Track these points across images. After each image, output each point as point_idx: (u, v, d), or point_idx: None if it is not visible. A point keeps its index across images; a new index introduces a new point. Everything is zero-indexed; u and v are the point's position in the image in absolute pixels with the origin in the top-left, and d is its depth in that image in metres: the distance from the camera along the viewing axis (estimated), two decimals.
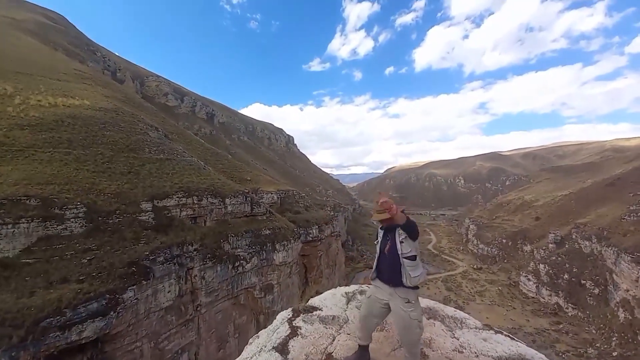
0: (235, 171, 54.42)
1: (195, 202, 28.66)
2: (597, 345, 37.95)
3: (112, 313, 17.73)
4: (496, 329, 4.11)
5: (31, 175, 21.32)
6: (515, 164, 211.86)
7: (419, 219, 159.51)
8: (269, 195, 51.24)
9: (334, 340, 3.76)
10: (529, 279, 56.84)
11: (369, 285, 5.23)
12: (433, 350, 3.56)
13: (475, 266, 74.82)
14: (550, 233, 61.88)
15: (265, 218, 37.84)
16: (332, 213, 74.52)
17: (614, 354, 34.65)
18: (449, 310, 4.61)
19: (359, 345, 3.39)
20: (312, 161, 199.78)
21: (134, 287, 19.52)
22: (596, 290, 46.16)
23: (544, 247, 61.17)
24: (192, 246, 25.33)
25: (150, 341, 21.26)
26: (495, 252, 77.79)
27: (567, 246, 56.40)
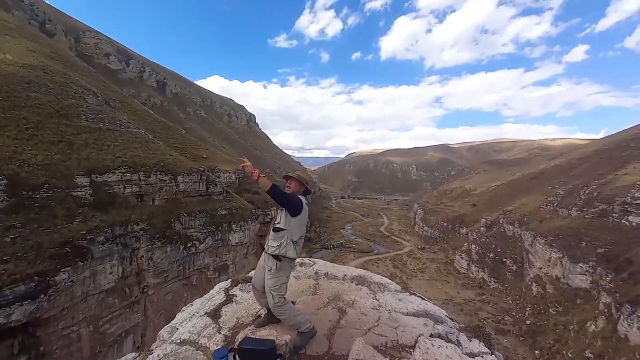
0: (189, 147, 51.07)
1: (142, 178, 26.53)
2: (513, 313, 44.84)
3: (42, 296, 16.13)
4: (411, 291, 4.86)
5: None
6: (460, 156, 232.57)
7: (374, 203, 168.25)
8: (226, 174, 49.38)
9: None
10: (462, 258, 64.46)
11: (310, 258, 5.66)
12: (354, 309, 4.05)
13: (419, 246, 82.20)
14: (482, 218, 70.13)
15: (221, 198, 36.66)
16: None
17: (527, 322, 41.09)
18: (377, 277, 5.22)
19: (267, 309, 3.57)
20: (274, 142, 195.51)
21: (68, 268, 17.84)
22: (514, 267, 54.17)
23: (476, 230, 69.35)
24: (137, 225, 23.69)
25: (89, 325, 19.88)
26: (437, 234, 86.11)
27: (494, 229, 64.71)
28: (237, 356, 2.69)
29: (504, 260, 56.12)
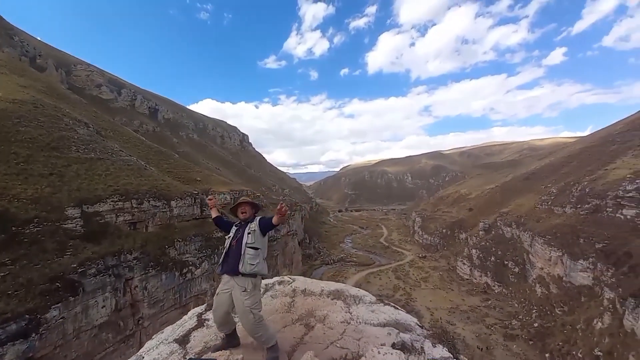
0: (183, 171, 51.14)
1: (135, 205, 26.36)
2: (520, 317, 44.06)
3: (34, 335, 15.65)
4: (386, 302, 4.83)
5: None
6: (453, 161, 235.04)
7: (372, 214, 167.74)
8: (221, 196, 49.26)
9: (236, 327, 3.86)
10: (464, 263, 63.90)
11: (290, 276, 5.67)
12: (323, 324, 4.02)
13: (420, 255, 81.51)
14: (480, 222, 70.18)
15: None
16: (289, 212, 74.45)
17: (535, 325, 40.36)
18: (353, 290, 5.21)
19: (225, 335, 3.56)
20: (268, 160, 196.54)
21: (59, 305, 17.35)
22: (516, 269, 53.67)
23: (475, 235, 69.18)
24: (131, 254, 23.28)
25: None
26: (437, 241, 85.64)
27: (493, 232, 64.63)
28: None
29: (506, 262, 55.71)
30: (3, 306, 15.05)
